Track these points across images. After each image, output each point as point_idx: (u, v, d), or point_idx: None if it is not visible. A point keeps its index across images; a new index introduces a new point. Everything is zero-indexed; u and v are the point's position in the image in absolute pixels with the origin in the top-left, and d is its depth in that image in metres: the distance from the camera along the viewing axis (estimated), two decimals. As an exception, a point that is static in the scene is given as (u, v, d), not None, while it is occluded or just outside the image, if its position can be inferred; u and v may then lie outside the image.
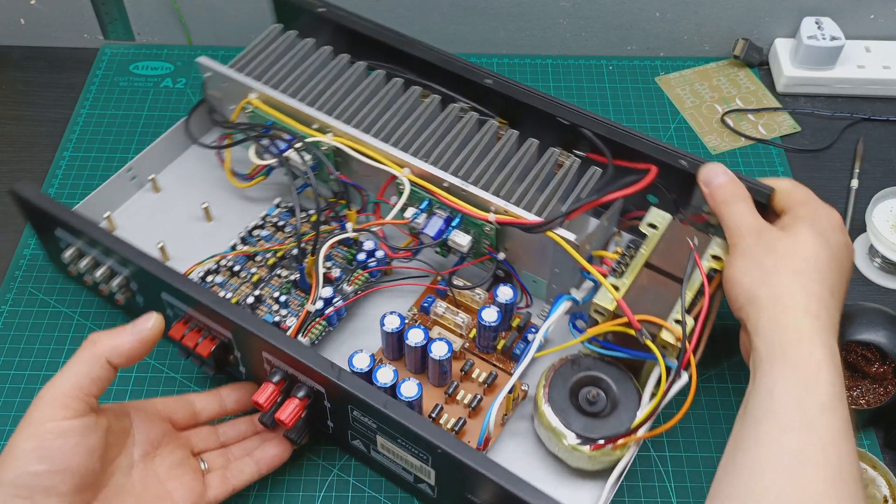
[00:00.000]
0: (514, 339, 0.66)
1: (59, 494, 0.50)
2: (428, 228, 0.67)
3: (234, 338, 0.61)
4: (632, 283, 0.62)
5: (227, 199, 0.78)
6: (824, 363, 0.51)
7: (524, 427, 0.65)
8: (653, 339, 0.59)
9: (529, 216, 0.64)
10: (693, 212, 0.70)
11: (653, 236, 0.65)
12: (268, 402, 0.58)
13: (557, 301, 0.64)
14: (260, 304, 0.68)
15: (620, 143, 0.69)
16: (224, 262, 0.70)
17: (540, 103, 0.72)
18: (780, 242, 0.57)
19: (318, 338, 0.67)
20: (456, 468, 0.52)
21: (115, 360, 0.54)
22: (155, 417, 0.58)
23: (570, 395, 0.62)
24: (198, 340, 0.62)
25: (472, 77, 0.74)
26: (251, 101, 0.74)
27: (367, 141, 0.69)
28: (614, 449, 0.59)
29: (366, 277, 0.70)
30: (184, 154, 0.82)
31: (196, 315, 0.62)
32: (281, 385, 0.59)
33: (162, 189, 0.80)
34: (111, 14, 0.94)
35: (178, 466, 0.58)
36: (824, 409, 0.50)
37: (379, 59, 0.78)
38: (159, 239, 0.74)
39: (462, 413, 0.63)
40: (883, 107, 0.92)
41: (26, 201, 0.66)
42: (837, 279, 0.57)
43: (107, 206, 0.76)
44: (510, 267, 0.69)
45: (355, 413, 0.57)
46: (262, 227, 0.74)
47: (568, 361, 0.63)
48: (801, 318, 0.53)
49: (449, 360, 0.62)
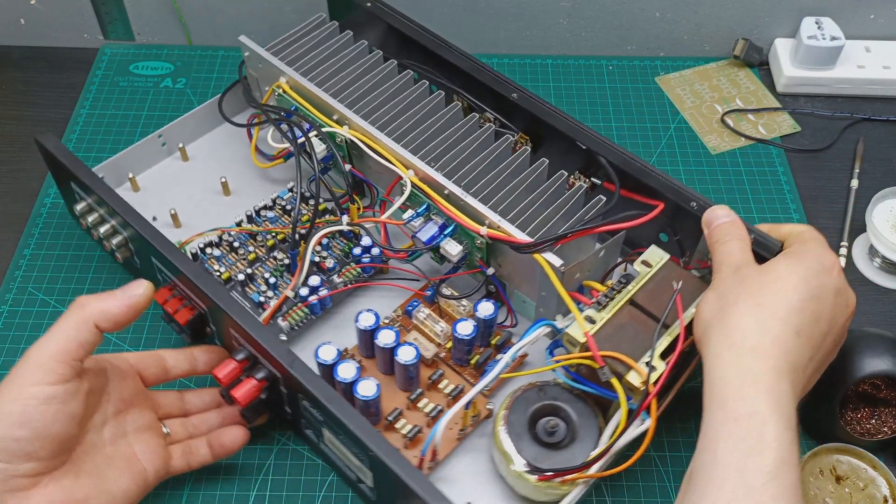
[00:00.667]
0: (488, 356, 0.66)
1: (37, 459, 0.51)
2: (421, 233, 0.66)
3: (209, 311, 0.62)
4: (610, 318, 0.60)
5: (249, 177, 0.80)
6: (770, 420, 0.47)
7: (482, 445, 0.64)
8: (619, 378, 0.58)
9: (521, 235, 0.63)
10: (699, 256, 0.67)
11: (644, 274, 0.63)
12: (227, 378, 0.59)
13: (535, 325, 0.62)
14: (250, 283, 0.69)
15: (635, 175, 0.68)
16: (226, 236, 0.72)
17: (561, 124, 0.71)
18: (753, 276, 0.54)
19: (298, 324, 0.67)
20: (386, 473, 0.52)
21: (103, 325, 0.54)
22: (128, 373, 0.59)
23: (530, 421, 0.61)
24: (178, 308, 0.64)
25: (500, 89, 0.74)
26: (281, 85, 0.75)
27: (380, 138, 0.70)
28: (562, 483, 0.58)
29: (358, 272, 0.70)
30: (217, 129, 0.84)
31: (179, 284, 0.63)
32: (244, 364, 0.60)
33: (191, 158, 0.82)
34: (111, 14, 0.94)
35: (145, 430, 0.59)
36: (770, 478, 0.46)
37: (415, 59, 0.78)
38: (176, 205, 0.76)
39: (421, 421, 0.63)
40: (883, 107, 0.92)
41: (46, 151, 0.69)
42: (810, 321, 0.52)
43: (134, 168, 0.79)
44: (498, 283, 0.68)
45: (304, 403, 0.57)
46: (272, 208, 0.75)
47: (535, 388, 0.62)
48: (746, 359, 0.49)
49: (415, 365, 0.62)
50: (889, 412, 0.64)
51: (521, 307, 0.70)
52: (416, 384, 0.64)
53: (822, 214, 0.82)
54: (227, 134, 0.84)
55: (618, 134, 0.89)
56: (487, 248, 0.66)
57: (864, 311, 0.75)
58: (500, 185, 0.68)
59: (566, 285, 0.63)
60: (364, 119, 0.71)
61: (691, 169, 0.86)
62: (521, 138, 0.74)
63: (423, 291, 0.70)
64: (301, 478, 0.64)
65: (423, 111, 0.73)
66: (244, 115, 0.84)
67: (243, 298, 0.69)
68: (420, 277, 0.71)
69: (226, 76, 0.92)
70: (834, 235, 0.81)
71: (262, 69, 0.78)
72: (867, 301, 0.76)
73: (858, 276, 0.78)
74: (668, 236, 0.70)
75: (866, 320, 0.75)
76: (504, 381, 0.67)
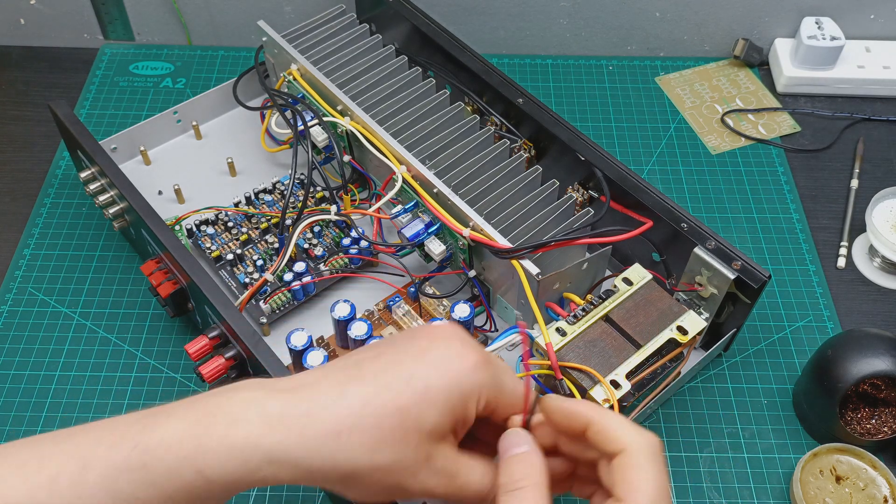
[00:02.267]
0: (461, 359, 0.65)
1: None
2: (406, 229, 0.67)
3: (188, 287, 0.63)
4: (582, 332, 0.60)
5: (257, 160, 0.82)
6: None
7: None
8: (583, 393, 0.57)
9: (502, 240, 0.63)
10: (686, 279, 0.66)
11: (622, 292, 0.62)
12: (196, 354, 0.60)
13: (507, 331, 0.62)
14: (238, 263, 0.71)
15: (629, 191, 0.67)
16: (222, 216, 0.73)
17: (563, 134, 0.70)
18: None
19: (279, 308, 0.68)
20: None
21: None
22: None
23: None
24: (162, 280, 0.65)
25: (507, 93, 0.73)
26: (292, 72, 0.76)
27: (378, 132, 0.70)
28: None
29: (345, 262, 0.71)
30: (233, 111, 0.86)
31: (164, 258, 0.65)
32: (215, 341, 0.61)
33: (204, 137, 0.84)
34: (111, 14, 0.93)
35: None
36: None
37: (432, 58, 0.79)
38: (184, 181, 0.78)
39: (385, 416, 0.63)
40: (883, 107, 0.91)
41: (57, 117, 0.71)
42: None
43: (147, 141, 0.81)
44: (479, 286, 0.68)
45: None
46: (271, 192, 0.76)
47: (502, 394, 0.62)
48: None
49: (384, 360, 0.62)
50: (889, 412, 0.64)
51: (503, 313, 0.70)
52: (386, 379, 0.64)
53: (822, 214, 0.82)
54: (243, 117, 0.85)
55: (618, 134, 0.88)
56: (471, 250, 0.66)
57: (864, 310, 0.75)
58: (491, 189, 0.68)
59: (543, 295, 0.63)
60: (366, 112, 0.72)
61: (691, 169, 0.85)
62: (525, 145, 0.74)
63: (405, 288, 0.70)
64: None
65: (424, 108, 0.73)
66: (260, 100, 0.86)
67: (230, 278, 0.70)
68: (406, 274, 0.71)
69: (226, 76, 0.92)
70: (834, 235, 0.80)
71: (277, 55, 0.79)
72: (867, 301, 0.75)
73: (858, 276, 0.77)
74: (659, 256, 0.69)
75: (866, 320, 0.74)
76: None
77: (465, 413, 0.40)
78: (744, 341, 0.72)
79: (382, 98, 0.74)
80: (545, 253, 0.63)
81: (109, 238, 0.77)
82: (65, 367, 0.69)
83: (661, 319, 0.61)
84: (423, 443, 0.39)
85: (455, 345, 0.41)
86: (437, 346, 0.41)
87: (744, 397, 0.68)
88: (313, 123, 0.72)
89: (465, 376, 0.40)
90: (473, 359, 0.40)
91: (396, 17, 0.82)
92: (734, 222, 0.80)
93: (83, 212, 0.79)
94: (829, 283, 0.76)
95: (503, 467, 0.41)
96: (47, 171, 0.83)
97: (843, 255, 0.78)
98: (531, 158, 0.74)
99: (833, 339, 0.65)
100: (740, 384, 0.69)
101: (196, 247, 0.72)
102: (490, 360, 0.42)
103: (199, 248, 0.72)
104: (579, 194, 0.71)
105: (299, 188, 0.76)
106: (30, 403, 0.67)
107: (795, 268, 0.77)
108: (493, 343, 0.61)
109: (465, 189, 0.67)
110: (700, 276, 0.65)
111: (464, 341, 0.41)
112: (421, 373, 0.39)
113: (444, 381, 0.39)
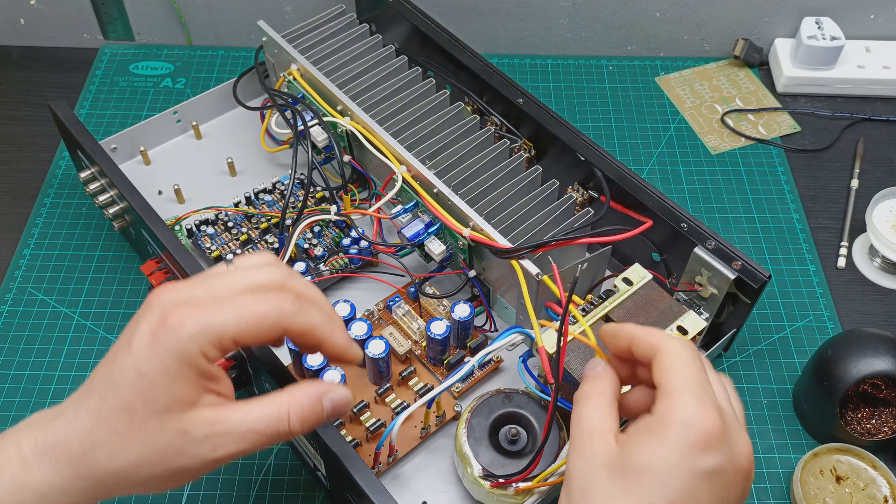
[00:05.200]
0: (461, 357, 0.65)
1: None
2: (406, 229, 0.67)
3: (189, 286, 0.63)
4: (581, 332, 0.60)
5: (257, 160, 0.81)
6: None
7: (447, 446, 0.64)
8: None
9: (502, 240, 0.63)
10: (686, 279, 0.66)
11: (622, 292, 0.62)
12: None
13: (507, 331, 0.62)
14: (238, 263, 0.70)
15: (629, 191, 0.67)
16: (222, 216, 0.73)
17: (563, 134, 0.70)
18: (616, 464, 0.42)
19: (279, 308, 0.68)
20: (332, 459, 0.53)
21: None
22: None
23: (493, 427, 0.60)
24: (162, 280, 0.65)
25: (508, 94, 0.73)
26: (292, 72, 0.76)
27: (378, 132, 0.70)
28: (516, 493, 0.57)
29: (345, 262, 0.71)
30: (233, 111, 0.86)
31: (164, 258, 0.65)
32: (216, 341, 0.61)
33: (204, 137, 0.84)
34: (111, 14, 0.93)
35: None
36: None
37: (433, 58, 0.79)
38: (184, 181, 0.78)
39: (386, 416, 0.63)
40: (883, 107, 0.91)
41: (56, 117, 0.71)
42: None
43: (147, 141, 0.81)
44: (479, 286, 0.68)
45: (267, 386, 0.58)
46: (271, 192, 0.76)
47: (502, 394, 0.62)
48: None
49: (384, 359, 0.62)
50: (889, 412, 0.64)
51: (503, 313, 0.70)
52: (387, 379, 0.64)
53: (822, 214, 0.82)
54: (243, 117, 0.85)
55: (618, 134, 0.88)
56: (471, 250, 0.66)
57: (864, 310, 0.75)
58: (491, 189, 0.68)
59: (543, 295, 0.63)
60: (366, 112, 0.72)
61: (691, 169, 0.85)
62: (525, 145, 0.74)
63: (407, 288, 0.70)
64: (301, 478, 0.63)
65: (424, 109, 0.73)
66: (260, 100, 0.86)
67: (231, 278, 0.70)
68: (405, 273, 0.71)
69: (226, 76, 0.92)
70: (834, 235, 0.80)
71: (278, 55, 0.79)
72: (867, 301, 0.75)
73: (858, 276, 0.77)
74: (659, 256, 0.69)
75: (866, 320, 0.74)
76: (478, 384, 0.67)
77: (200, 371, 0.41)
78: (744, 341, 0.72)
79: (382, 98, 0.74)
80: (545, 253, 0.63)
81: (109, 238, 0.77)
82: (65, 367, 0.69)
83: (661, 319, 0.61)
84: (166, 423, 0.40)
85: (155, 316, 0.41)
86: (140, 328, 0.41)
87: (744, 397, 0.68)
88: (313, 123, 0.72)
89: (173, 346, 0.40)
90: (175, 322, 0.40)
91: (396, 17, 0.82)
92: (734, 222, 0.81)
93: (83, 212, 0.79)
94: (829, 283, 0.76)
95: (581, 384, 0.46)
96: (47, 171, 0.83)
97: (843, 255, 0.78)
98: (531, 158, 0.74)
99: (833, 339, 0.65)
100: (740, 384, 0.69)
101: (196, 247, 0.72)
102: (197, 314, 0.41)
103: (199, 248, 0.72)
104: (579, 194, 0.71)
105: (299, 188, 0.76)
106: (30, 403, 0.67)
107: (795, 268, 0.77)
108: (493, 343, 0.61)
109: (465, 189, 0.67)
110: (700, 276, 0.65)
111: (165, 310, 0.41)
112: (129, 362, 0.40)
113: (153, 359, 0.40)
